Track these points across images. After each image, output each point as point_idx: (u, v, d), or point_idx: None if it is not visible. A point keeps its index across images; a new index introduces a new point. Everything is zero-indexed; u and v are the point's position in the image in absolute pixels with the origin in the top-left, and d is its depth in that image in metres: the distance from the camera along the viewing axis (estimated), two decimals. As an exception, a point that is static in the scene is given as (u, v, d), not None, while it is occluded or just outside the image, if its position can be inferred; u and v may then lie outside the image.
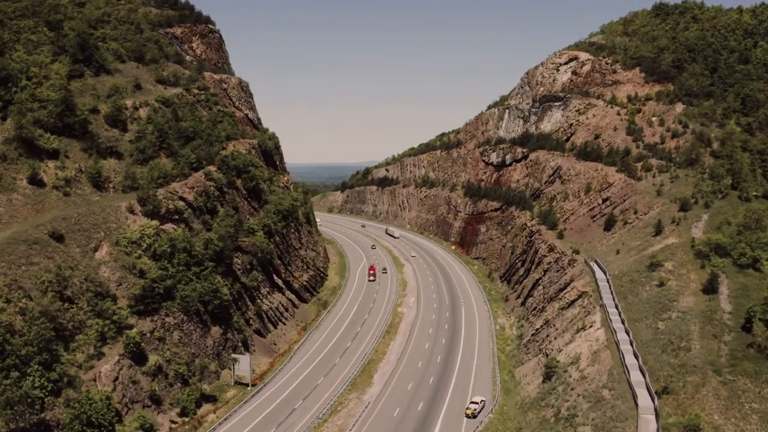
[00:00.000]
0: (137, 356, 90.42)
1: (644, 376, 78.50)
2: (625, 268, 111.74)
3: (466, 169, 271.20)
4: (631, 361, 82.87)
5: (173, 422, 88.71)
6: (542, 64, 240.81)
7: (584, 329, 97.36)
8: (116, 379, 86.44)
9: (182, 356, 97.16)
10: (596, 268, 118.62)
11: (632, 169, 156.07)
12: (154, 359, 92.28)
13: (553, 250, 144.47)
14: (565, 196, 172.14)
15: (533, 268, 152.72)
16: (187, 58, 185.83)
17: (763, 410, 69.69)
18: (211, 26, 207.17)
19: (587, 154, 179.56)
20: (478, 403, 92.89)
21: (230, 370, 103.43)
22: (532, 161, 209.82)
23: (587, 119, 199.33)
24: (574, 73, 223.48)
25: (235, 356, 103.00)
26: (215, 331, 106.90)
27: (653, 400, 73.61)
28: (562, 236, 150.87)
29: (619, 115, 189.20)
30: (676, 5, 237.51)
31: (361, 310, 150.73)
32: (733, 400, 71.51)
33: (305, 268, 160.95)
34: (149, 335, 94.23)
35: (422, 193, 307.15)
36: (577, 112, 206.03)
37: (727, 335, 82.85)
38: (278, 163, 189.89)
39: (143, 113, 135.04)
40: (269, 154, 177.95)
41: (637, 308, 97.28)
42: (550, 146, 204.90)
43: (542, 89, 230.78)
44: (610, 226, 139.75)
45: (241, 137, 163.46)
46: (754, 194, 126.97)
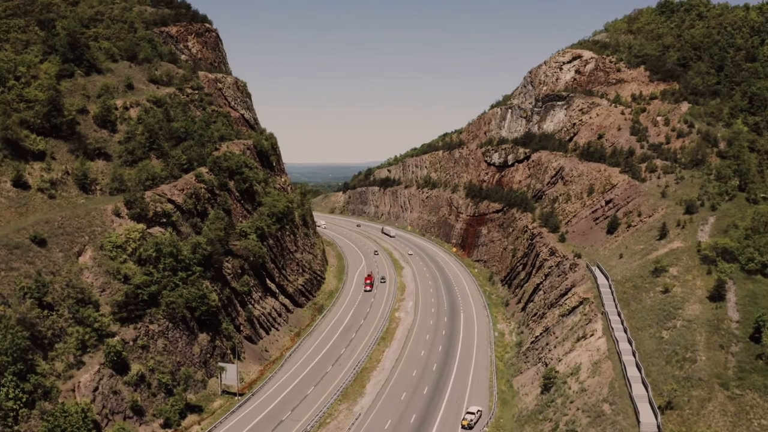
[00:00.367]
0: (119, 365, 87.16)
1: (647, 389, 74.48)
2: (628, 273, 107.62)
3: (468, 169, 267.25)
4: (633, 373, 78.82)
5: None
6: (545, 62, 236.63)
7: (585, 338, 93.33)
8: (96, 389, 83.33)
9: (166, 365, 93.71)
10: (598, 273, 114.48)
11: (636, 169, 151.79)
12: (136, 368, 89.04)
13: (554, 253, 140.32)
14: (567, 197, 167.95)
15: (534, 272, 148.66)
16: (182, 57, 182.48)
17: (773, 427, 65.69)
18: (207, 25, 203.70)
19: (590, 154, 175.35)
20: (474, 413, 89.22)
21: (218, 379, 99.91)
22: (534, 162, 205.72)
23: (590, 119, 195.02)
24: (577, 71, 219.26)
25: (222, 365, 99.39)
26: (202, 338, 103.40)
27: (656, 416, 69.61)
28: (563, 239, 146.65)
29: (623, 114, 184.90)
30: (681, 2, 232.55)
31: (357, 314, 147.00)
32: (740, 416, 67.43)
33: (301, 271, 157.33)
34: (132, 343, 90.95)
35: (424, 194, 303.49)
36: (580, 111, 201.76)
37: (734, 346, 78.73)
38: (275, 164, 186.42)
39: (134, 113, 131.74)
40: (265, 154, 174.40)
41: (640, 316, 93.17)
42: (552, 146, 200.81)
43: (545, 88, 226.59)
44: (613, 229, 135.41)
45: (235, 138, 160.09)
46: (762, 196, 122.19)
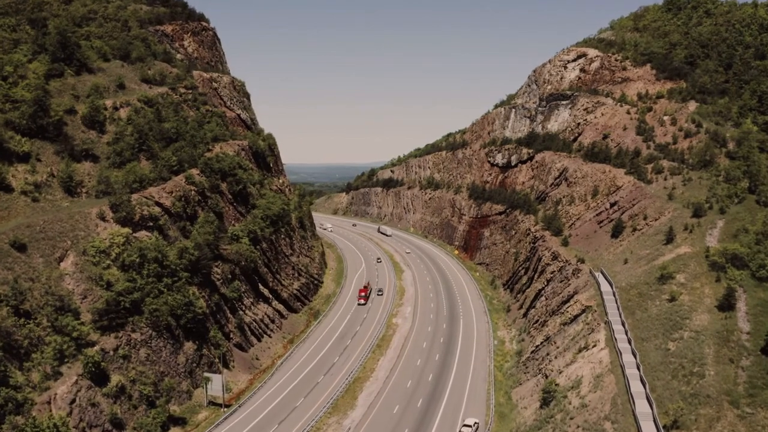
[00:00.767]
0: (98, 376, 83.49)
1: (651, 406, 69.87)
2: (633, 279, 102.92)
3: (471, 170, 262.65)
4: (637, 388, 74.24)
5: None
6: (550, 61, 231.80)
7: (587, 348, 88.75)
8: (73, 401, 79.74)
9: (149, 375, 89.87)
10: (602, 279, 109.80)
11: (642, 171, 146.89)
12: (116, 379, 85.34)
13: (556, 258, 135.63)
14: (571, 199, 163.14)
15: (536, 276, 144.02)
16: (177, 56, 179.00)
17: (787, 450, 61.06)
18: (204, 24, 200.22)
19: (595, 155, 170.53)
20: (471, 426, 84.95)
21: (204, 389, 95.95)
22: (537, 162, 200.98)
23: (595, 118, 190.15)
24: (582, 70, 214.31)
25: (207, 375, 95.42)
26: (188, 347, 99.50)
27: (661, 436, 65.14)
28: (566, 243, 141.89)
29: (628, 113, 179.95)
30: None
31: (353, 320, 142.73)
32: (752, 437, 62.87)
33: (296, 275, 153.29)
34: (112, 353, 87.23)
35: (427, 195, 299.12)
36: (584, 110, 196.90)
37: (745, 359, 74.03)
38: (272, 165, 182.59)
39: (123, 114, 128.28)
40: (261, 155, 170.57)
41: (645, 326, 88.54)
42: (556, 147, 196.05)
43: (549, 87, 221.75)
44: (617, 232, 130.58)
45: (230, 138, 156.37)
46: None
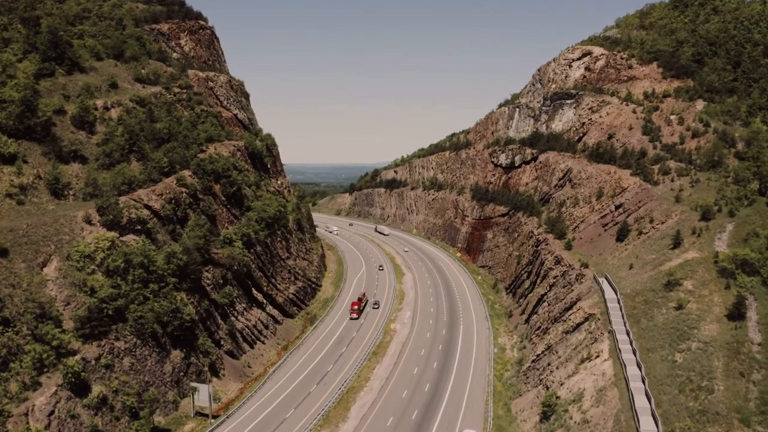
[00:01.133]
0: (78, 387, 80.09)
1: (657, 424, 65.74)
2: (638, 286, 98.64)
3: (474, 171, 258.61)
4: (642, 403, 70.10)
5: (115, 463, 78.19)
6: (554, 60, 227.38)
7: (589, 359, 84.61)
8: (52, 413, 76.43)
9: (132, 385, 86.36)
10: (606, 285, 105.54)
11: (648, 172, 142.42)
12: (98, 390, 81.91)
13: (559, 262, 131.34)
14: (575, 201, 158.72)
15: (539, 281, 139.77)
16: (173, 55, 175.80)
17: (803, 473, 56.87)
18: (201, 22, 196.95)
19: (600, 155, 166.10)
20: None
21: (191, 399, 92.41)
22: (541, 163, 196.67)
23: (600, 118, 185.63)
24: (587, 68, 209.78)
25: (194, 385, 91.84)
26: (175, 355, 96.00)
27: (667, 457, 61.10)
28: (570, 246, 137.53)
29: (634, 113, 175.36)
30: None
31: (351, 326, 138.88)
32: (765, 459, 58.74)
33: (293, 279, 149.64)
34: (94, 362, 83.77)
35: (430, 196, 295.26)
36: (589, 110, 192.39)
37: (756, 373, 69.77)
38: (270, 165, 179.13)
39: (114, 114, 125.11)
40: (258, 156, 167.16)
41: (651, 335, 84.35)
42: (560, 147, 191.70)
43: (554, 86, 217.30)
44: (623, 236, 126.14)
45: (226, 139, 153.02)
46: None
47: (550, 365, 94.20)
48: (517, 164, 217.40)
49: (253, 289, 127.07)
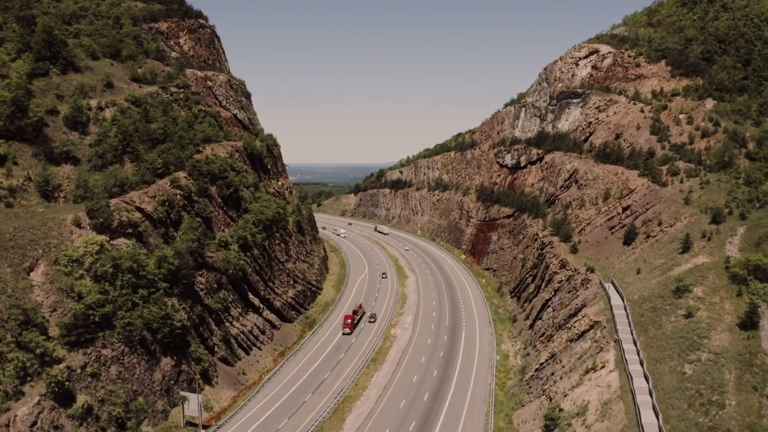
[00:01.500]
0: (63, 396, 77.46)
1: (665, 442, 62.19)
2: (646, 292, 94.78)
3: (480, 171, 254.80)
4: (649, 419, 66.38)
5: (100, 476, 75.40)
6: (561, 58, 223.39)
7: (594, 370, 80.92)
8: (34, 424, 74.14)
9: (120, 395, 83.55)
10: (612, 291, 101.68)
11: (656, 173, 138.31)
12: (83, 399, 79.15)
13: (565, 266, 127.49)
14: (581, 203, 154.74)
15: (543, 285, 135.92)
16: (172, 54, 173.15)
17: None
18: (201, 21, 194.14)
19: (607, 155, 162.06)
20: None
21: (181, 408, 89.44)
22: (547, 163, 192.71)
23: (607, 117, 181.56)
24: (594, 67, 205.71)
25: (184, 394, 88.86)
26: (166, 362, 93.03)
27: (676, 477, 57.43)
28: (576, 250, 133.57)
29: (642, 112, 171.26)
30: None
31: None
32: (781, 481, 54.97)
33: (292, 283, 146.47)
34: (80, 371, 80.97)
35: (435, 196, 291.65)
36: (596, 109, 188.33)
37: (771, 386, 65.99)
38: (270, 166, 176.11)
39: (108, 114, 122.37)
40: (258, 157, 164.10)
41: (659, 344, 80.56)
42: (567, 147, 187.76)
43: (560, 85, 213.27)
44: (630, 239, 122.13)
45: (224, 139, 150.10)
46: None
47: (553, 375, 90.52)
48: (522, 165, 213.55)
49: (249, 293, 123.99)
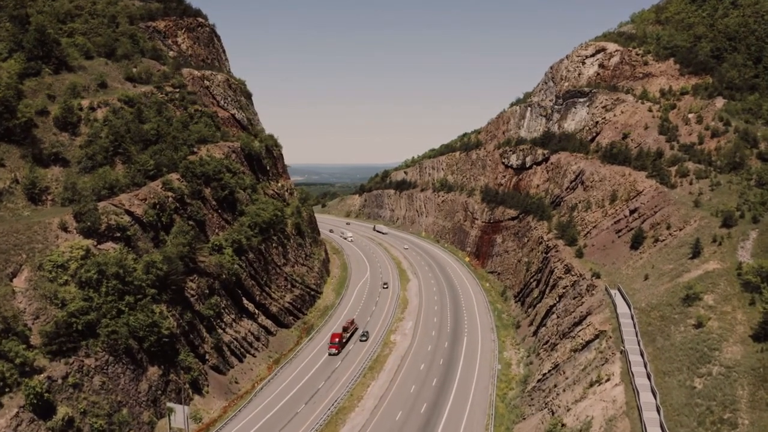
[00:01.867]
0: (43, 408, 73.98)
1: (674, 464, 58.12)
2: (654, 299, 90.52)
3: (485, 172, 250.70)
4: (656, 438, 62.43)
5: (78, 494, 72.03)
6: (567, 57, 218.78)
7: (599, 383, 76.81)
8: (12, 438, 70.29)
9: (103, 406, 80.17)
10: (618, 298, 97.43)
11: (665, 174, 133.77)
12: (63, 411, 75.72)
13: (570, 271, 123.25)
14: (587, 205, 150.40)
15: (548, 291, 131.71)
16: (170, 53, 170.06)
17: None
18: (200, 20, 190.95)
19: (613, 156, 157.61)
20: None
21: (167, 420, 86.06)
22: (553, 164, 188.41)
23: (615, 116, 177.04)
24: (601, 65, 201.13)
25: (170, 405, 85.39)
26: (153, 372, 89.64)
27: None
28: (581, 254, 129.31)
29: (650, 111, 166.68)
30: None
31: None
32: None
33: (289, 287, 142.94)
34: (61, 381, 77.59)
35: (440, 197, 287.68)
36: (603, 108, 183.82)
37: (787, 404, 61.77)
38: (270, 167, 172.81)
39: (100, 114, 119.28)
40: (256, 158, 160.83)
41: (668, 356, 76.39)
42: (573, 147, 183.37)
43: (567, 84, 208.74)
44: (637, 243, 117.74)
45: (221, 140, 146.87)
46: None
47: (556, 386, 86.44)
48: (528, 165, 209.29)
49: (243, 298, 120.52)
